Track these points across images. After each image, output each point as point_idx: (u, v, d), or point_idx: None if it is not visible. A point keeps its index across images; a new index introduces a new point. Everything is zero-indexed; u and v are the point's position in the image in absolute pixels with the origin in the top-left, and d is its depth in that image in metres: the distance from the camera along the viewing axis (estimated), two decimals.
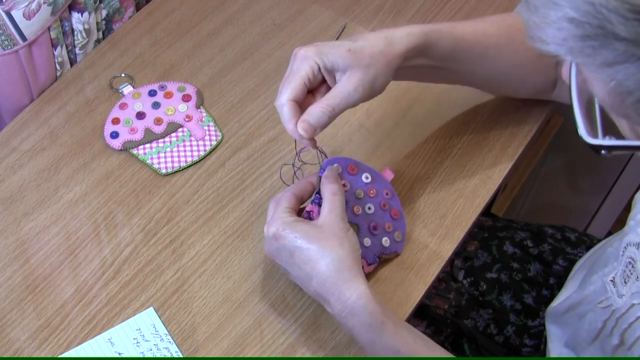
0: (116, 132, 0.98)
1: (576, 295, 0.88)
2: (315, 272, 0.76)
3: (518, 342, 1.04)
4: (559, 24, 0.50)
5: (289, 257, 0.78)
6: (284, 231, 0.77)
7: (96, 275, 0.88)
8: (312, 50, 0.77)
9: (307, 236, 0.76)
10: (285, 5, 1.12)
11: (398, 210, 0.88)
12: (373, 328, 0.75)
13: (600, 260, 0.86)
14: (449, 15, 1.11)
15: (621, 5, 0.47)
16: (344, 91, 0.77)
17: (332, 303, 0.76)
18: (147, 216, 0.92)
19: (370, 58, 0.77)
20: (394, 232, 0.87)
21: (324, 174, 0.81)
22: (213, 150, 0.97)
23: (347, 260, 0.76)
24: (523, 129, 1.00)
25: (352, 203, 0.84)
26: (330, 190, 0.79)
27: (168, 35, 1.08)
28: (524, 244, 1.09)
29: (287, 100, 0.76)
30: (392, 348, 0.75)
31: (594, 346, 0.83)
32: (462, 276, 1.08)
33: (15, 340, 0.83)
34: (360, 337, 0.76)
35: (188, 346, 0.83)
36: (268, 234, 0.78)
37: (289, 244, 0.77)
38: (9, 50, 0.94)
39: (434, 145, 0.98)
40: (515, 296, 1.05)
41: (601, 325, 0.80)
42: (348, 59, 0.77)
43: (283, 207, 0.79)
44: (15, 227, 0.91)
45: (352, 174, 0.84)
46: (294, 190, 0.81)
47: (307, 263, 0.76)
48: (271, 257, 0.81)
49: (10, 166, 0.95)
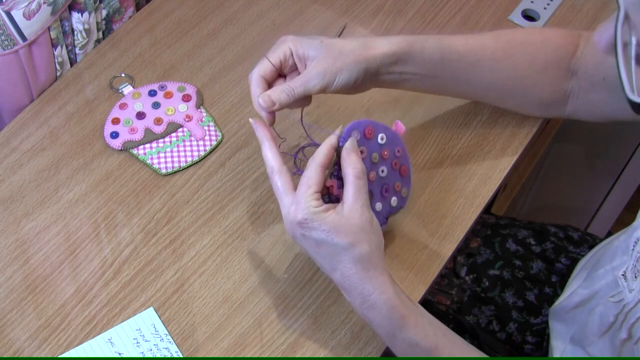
0: (116, 132, 0.98)
1: (584, 291, 0.88)
2: (340, 266, 0.75)
3: (520, 339, 1.04)
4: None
5: (314, 247, 0.76)
6: (312, 222, 0.75)
7: (96, 275, 0.88)
8: (291, 37, 0.83)
9: (335, 230, 0.74)
10: (285, 5, 1.12)
11: (407, 167, 0.86)
12: (393, 322, 0.75)
13: (607, 255, 0.86)
14: (449, 15, 1.11)
15: None
16: (305, 76, 0.82)
17: (353, 295, 0.76)
18: (147, 216, 0.92)
19: (339, 52, 0.82)
20: (402, 190, 0.86)
21: (346, 146, 0.77)
22: (213, 150, 0.97)
23: (374, 258, 0.75)
24: (523, 129, 1.00)
25: (368, 169, 0.81)
26: (353, 171, 0.76)
27: (168, 35, 1.08)
28: (527, 242, 1.10)
29: (257, 75, 0.82)
30: (412, 341, 0.75)
31: (602, 340, 0.83)
32: (464, 273, 1.08)
33: (15, 340, 0.83)
34: (379, 329, 0.77)
35: (188, 346, 0.83)
36: (294, 219, 0.75)
37: (316, 235, 0.75)
38: (9, 50, 0.94)
39: (434, 145, 0.98)
40: (518, 293, 1.05)
41: (613, 320, 0.80)
42: (318, 48, 0.82)
43: (312, 192, 0.76)
44: (15, 227, 0.91)
45: (369, 137, 0.81)
46: (319, 162, 0.77)
47: (333, 256, 0.75)
48: (291, 235, 0.79)
49: (10, 166, 0.95)
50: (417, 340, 0.75)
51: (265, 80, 0.83)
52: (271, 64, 0.82)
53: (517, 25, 1.10)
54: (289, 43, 0.83)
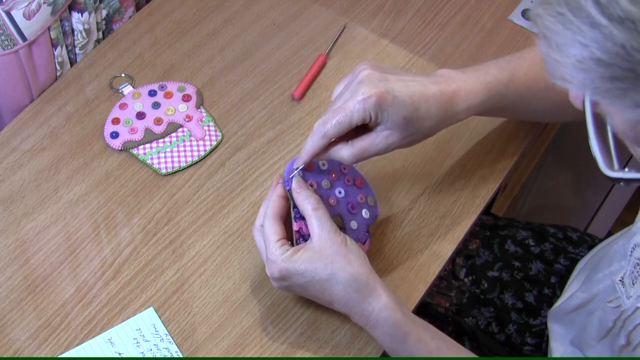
0: (116, 132, 0.98)
1: (583, 295, 0.88)
2: (334, 297, 0.77)
3: (519, 340, 1.04)
4: (585, 64, 0.48)
5: (303, 290, 0.78)
6: (288, 271, 0.76)
7: (96, 275, 0.88)
8: (374, 99, 0.74)
9: (313, 266, 0.75)
10: (285, 5, 1.12)
11: (360, 178, 0.87)
12: (396, 339, 0.76)
13: (606, 258, 0.86)
14: (449, 15, 1.11)
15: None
16: (372, 148, 0.77)
17: (356, 319, 0.78)
18: (147, 216, 0.92)
19: (416, 130, 0.78)
20: (367, 200, 0.86)
21: (293, 187, 0.79)
22: (213, 150, 0.97)
23: (361, 276, 0.76)
24: (523, 129, 1.00)
25: (326, 197, 0.82)
26: (309, 205, 0.77)
27: (168, 35, 1.08)
28: (526, 243, 1.09)
29: (328, 136, 0.76)
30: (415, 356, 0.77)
31: (602, 344, 0.83)
32: (463, 274, 1.08)
33: (15, 340, 0.83)
34: (384, 345, 0.79)
35: (188, 346, 0.83)
36: (272, 276, 0.78)
37: (298, 280, 0.76)
38: (9, 50, 0.94)
39: (434, 145, 0.98)
40: (517, 295, 1.05)
41: (611, 325, 0.80)
42: (400, 124, 0.76)
43: (273, 242, 0.77)
44: (15, 227, 0.91)
45: (310, 169, 0.82)
46: (272, 214, 0.78)
47: (323, 292, 0.77)
48: (284, 290, 0.82)
49: (10, 166, 0.95)
50: (421, 354, 0.76)
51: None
52: (347, 128, 0.76)
53: (517, 26, 1.10)
54: (371, 109, 0.74)
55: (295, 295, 0.84)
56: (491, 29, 1.10)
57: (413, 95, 0.76)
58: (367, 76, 0.76)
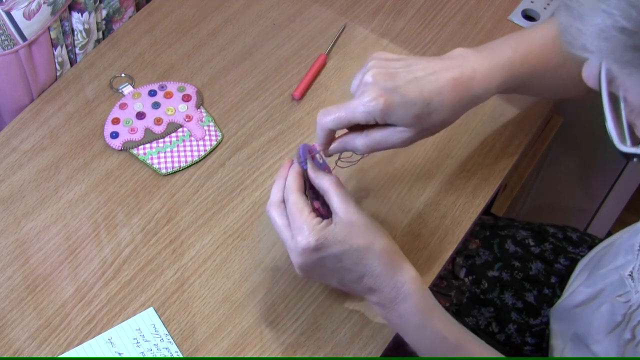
0: (116, 132, 0.98)
1: (588, 289, 0.88)
2: (367, 270, 0.75)
3: (520, 340, 1.04)
4: (607, 32, 0.47)
5: (336, 263, 0.75)
6: (326, 239, 0.74)
7: (96, 275, 0.88)
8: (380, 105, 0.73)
9: (350, 235, 0.74)
10: (285, 5, 1.12)
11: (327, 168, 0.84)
12: (425, 311, 0.75)
13: (610, 253, 0.86)
14: (449, 15, 1.11)
15: None
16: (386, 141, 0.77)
17: (386, 293, 0.75)
18: (147, 216, 0.92)
19: (430, 124, 0.76)
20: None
21: (309, 167, 0.79)
22: (213, 150, 0.97)
23: (391, 249, 0.76)
24: (523, 129, 1.00)
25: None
26: (329, 182, 0.77)
27: (168, 35, 1.08)
28: (526, 243, 1.09)
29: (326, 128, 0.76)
30: (440, 335, 0.75)
31: (609, 338, 0.83)
32: (463, 274, 1.08)
33: (15, 340, 0.83)
34: (409, 323, 0.76)
35: (188, 346, 0.83)
36: (307, 246, 0.74)
37: (335, 250, 0.74)
38: (9, 50, 0.94)
39: (434, 145, 0.98)
40: (517, 295, 1.05)
41: (620, 319, 0.81)
42: (412, 122, 0.75)
43: (307, 212, 0.75)
44: (15, 227, 0.91)
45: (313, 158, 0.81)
46: (296, 188, 0.77)
47: (357, 264, 0.75)
48: (306, 271, 0.77)
49: (10, 166, 0.95)
50: (445, 334, 0.75)
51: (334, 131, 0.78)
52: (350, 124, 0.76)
53: (517, 26, 1.10)
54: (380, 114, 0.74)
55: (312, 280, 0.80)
56: (491, 29, 1.10)
57: (423, 90, 0.75)
58: (374, 76, 0.75)
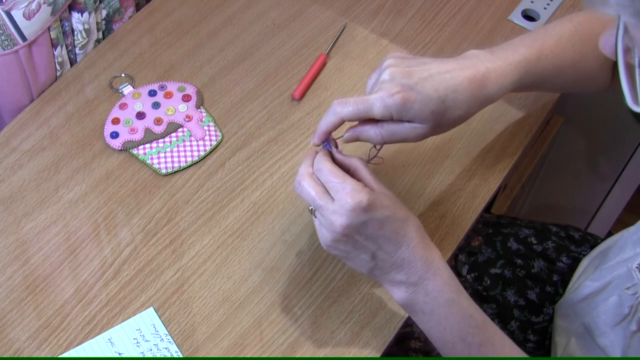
0: (116, 132, 0.98)
1: (594, 283, 0.88)
2: (405, 239, 0.74)
3: (522, 337, 1.04)
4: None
5: (377, 230, 0.74)
6: (374, 201, 0.72)
7: (96, 275, 0.88)
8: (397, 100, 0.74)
9: (392, 205, 0.74)
10: (285, 5, 1.12)
11: None
12: (454, 287, 0.75)
13: (615, 247, 0.86)
14: (449, 15, 1.11)
15: None
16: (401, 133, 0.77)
17: (418, 267, 0.74)
18: (147, 216, 0.92)
19: (445, 121, 0.77)
20: None
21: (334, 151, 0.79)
22: (213, 150, 0.97)
23: (421, 226, 0.77)
24: (523, 129, 1.00)
25: None
26: (357, 160, 0.78)
27: (168, 35, 1.08)
28: (528, 241, 1.10)
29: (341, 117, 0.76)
30: (467, 312, 0.75)
31: (615, 330, 0.83)
32: (466, 271, 1.08)
33: (15, 340, 0.83)
34: (438, 299, 0.75)
35: (188, 346, 0.83)
36: (359, 204, 0.71)
37: (380, 214, 0.73)
38: (9, 50, 0.94)
39: (434, 145, 0.98)
40: (519, 292, 1.05)
41: (627, 311, 0.81)
42: (428, 118, 0.76)
43: (349, 177, 0.74)
44: (15, 227, 0.91)
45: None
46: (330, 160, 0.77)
47: (397, 232, 0.74)
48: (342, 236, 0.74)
49: (10, 166, 0.95)
50: (472, 312, 0.75)
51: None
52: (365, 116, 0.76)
53: (517, 26, 1.10)
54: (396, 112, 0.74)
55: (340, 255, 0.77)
56: (491, 29, 1.10)
57: (439, 88, 0.75)
58: (392, 74, 0.76)
